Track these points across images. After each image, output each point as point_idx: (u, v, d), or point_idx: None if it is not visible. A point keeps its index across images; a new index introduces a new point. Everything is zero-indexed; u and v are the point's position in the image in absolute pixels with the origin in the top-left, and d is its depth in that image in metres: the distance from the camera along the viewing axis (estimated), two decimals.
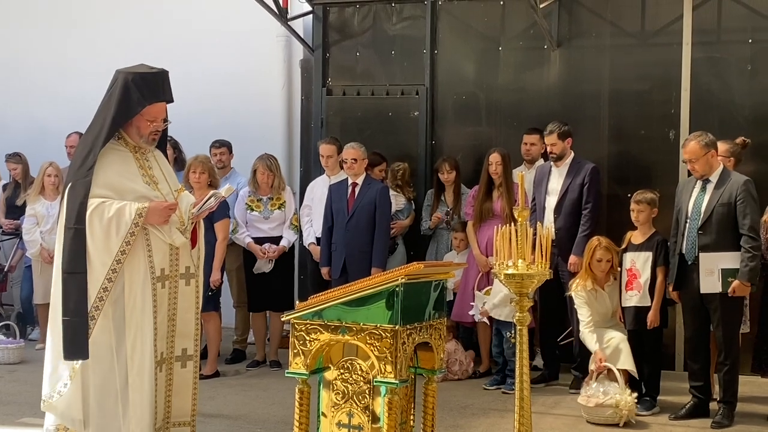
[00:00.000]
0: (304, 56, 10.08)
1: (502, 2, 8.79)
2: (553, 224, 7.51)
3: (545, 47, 8.64)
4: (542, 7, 8.26)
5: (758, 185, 6.69)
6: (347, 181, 8.09)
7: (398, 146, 9.04)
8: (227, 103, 10.09)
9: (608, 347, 6.89)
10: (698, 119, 8.04)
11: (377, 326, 4.52)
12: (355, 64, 9.36)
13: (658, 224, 7.08)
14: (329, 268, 8.06)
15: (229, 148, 9.04)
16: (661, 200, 7.13)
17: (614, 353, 6.86)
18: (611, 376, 6.70)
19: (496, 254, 4.74)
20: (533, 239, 4.69)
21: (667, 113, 8.26)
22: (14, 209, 9.72)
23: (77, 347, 4.82)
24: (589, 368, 7.01)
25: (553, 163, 7.72)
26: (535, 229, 4.78)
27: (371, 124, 9.21)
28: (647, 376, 6.93)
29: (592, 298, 7.08)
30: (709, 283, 6.50)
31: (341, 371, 4.74)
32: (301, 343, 4.69)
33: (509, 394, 7.17)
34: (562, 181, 7.65)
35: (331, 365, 4.78)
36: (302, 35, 9.67)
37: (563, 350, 7.93)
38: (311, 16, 9.53)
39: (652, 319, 6.83)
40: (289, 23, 9.47)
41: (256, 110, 10.08)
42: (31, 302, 9.42)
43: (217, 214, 7.58)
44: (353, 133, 8.94)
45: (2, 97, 11.29)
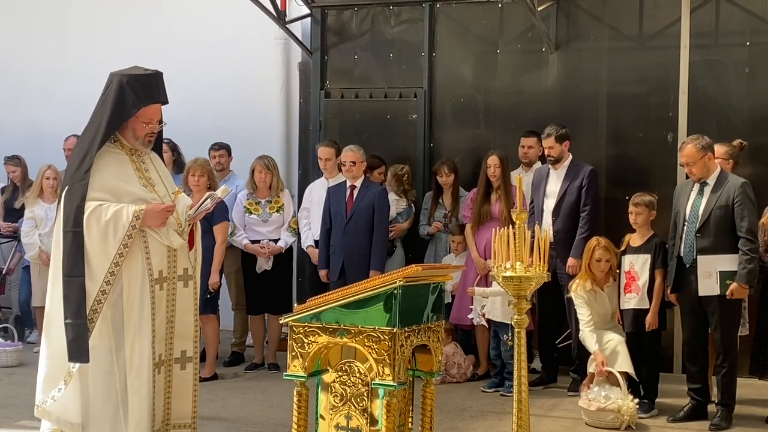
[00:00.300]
0: (302, 59, 10.08)
1: (500, 5, 8.80)
2: (551, 227, 7.51)
3: (543, 50, 8.65)
4: (540, 10, 8.27)
5: (755, 187, 6.69)
6: (346, 183, 8.09)
7: (396, 149, 9.03)
8: (225, 105, 10.08)
9: (606, 349, 6.89)
10: (696, 122, 8.05)
11: (375, 329, 4.53)
12: (353, 66, 9.36)
13: (656, 227, 7.08)
14: (327, 270, 8.06)
15: (228, 150, 9.04)
16: (659, 203, 7.14)
17: (612, 355, 6.86)
18: (612, 380, 6.70)
19: (494, 257, 4.74)
20: (531, 242, 4.69)
21: (664, 116, 8.27)
22: (12, 212, 9.70)
23: (80, 350, 4.82)
24: (587, 370, 7.01)
25: (551, 165, 7.72)
26: (533, 231, 4.78)
27: (369, 126, 9.21)
28: (645, 378, 6.93)
29: (591, 298, 7.08)
30: (707, 285, 6.50)
31: (339, 374, 4.74)
32: (299, 345, 4.69)
33: (507, 396, 7.17)
34: (560, 183, 7.65)
35: (329, 368, 4.77)
36: (300, 38, 9.68)
37: (561, 353, 7.92)
38: (309, 18, 9.54)
39: (650, 321, 6.83)
40: (287, 26, 9.47)
41: (254, 113, 10.07)
42: (29, 305, 9.41)
43: (216, 216, 7.59)
44: (351, 135, 8.94)
45: (0, 99, 11.28)
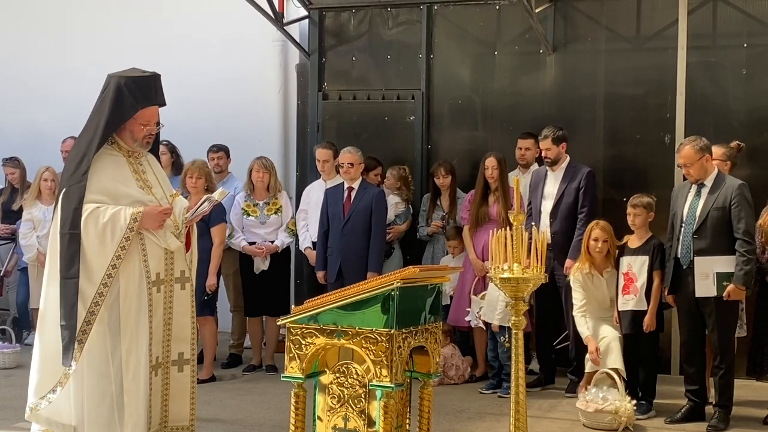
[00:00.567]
0: (300, 61, 10.08)
1: (497, 7, 8.81)
2: (548, 228, 7.51)
3: (541, 52, 8.65)
4: (538, 11, 8.28)
5: (753, 189, 6.70)
6: (343, 185, 8.09)
7: (394, 151, 9.04)
8: (223, 107, 10.09)
9: (600, 345, 6.91)
10: (693, 123, 8.05)
11: (373, 330, 4.53)
12: (351, 68, 9.37)
13: (653, 228, 7.09)
14: (325, 272, 8.07)
15: (226, 152, 9.04)
16: (656, 204, 7.14)
17: (605, 352, 6.89)
18: (610, 381, 6.70)
19: (491, 258, 4.75)
20: (529, 243, 4.69)
21: (662, 117, 8.27)
22: (10, 214, 9.70)
23: (71, 353, 4.82)
24: (585, 370, 7.02)
25: (548, 167, 7.72)
26: (530, 233, 4.78)
27: (367, 128, 9.21)
28: (643, 379, 6.93)
29: (588, 282, 7.09)
30: (704, 287, 6.50)
31: (337, 375, 4.75)
32: (296, 347, 4.69)
33: (505, 398, 7.16)
34: (557, 185, 7.65)
35: (326, 369, 4.78)
36: (298, 40, 9.68)
37: (559, 354, 7.93)
38: (307, 20, 9.54)
39: (648, 323, 6.83)
40: (285, 28, 9.48)
41: (252, 115, 10.08)
42: (27, 307, 9.40)
43: (213, 218, 7.59)
44: (349, 137, 8.95)
45: None
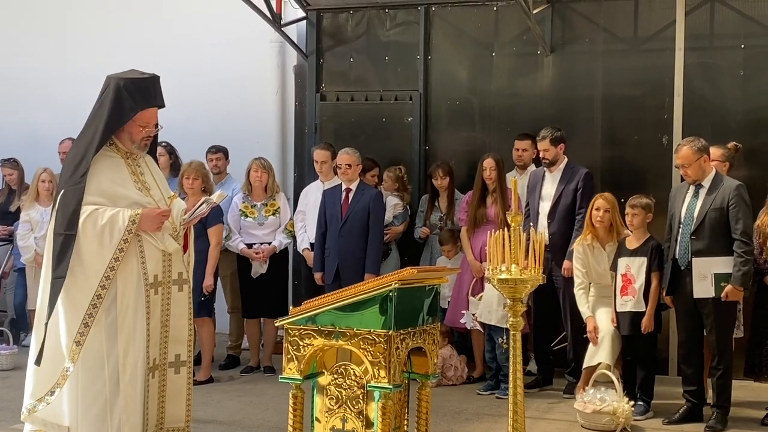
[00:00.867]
0: (297, 62, 10.08)
1: (495, 8, 8.81)
2: (546, 229, 7.51)
3: (538, 53, 8.66)
4: (535, 12, 8.28)
5: (750, 190, 6.70)
6: (341, 186, 8.09)
7: (392, 152, 9.04)
8: (221, 109, 10.09)
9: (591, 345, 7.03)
10: (691, 124, 8.06)
11: (371, 331, 4.53)
12: (348, 69, 9.37)
13: (651, 229, 7.09)
14: (323, 273, 8.06)
15: (225, 153, 9.04)
16: (654, 205, 7.14)
17: (597, 346, 6.97)
18: (605, 377, 6.73)
19: (489, 259, 4.75)
20: (527, 244, 4.69)
21: (660, 118, 8.28)
22: (7, 215, 9.69)
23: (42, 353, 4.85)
24: (582, 368, 7.05)
25: (546, 168, 7.73)
26: (528, 234, 4.78)
27: (365, 129, 9.21)
28: (641, 380, 6.94)
29: (588, 253, 7.14)
30: (702, 287, 6.51)
31: (335, 376, 4.74)
32: (294, 348, 4.69)
33: (503, 399, 7.16)
34: (555, 186, 7.65)
35: (324, 370, 4.78)
36: (296, 41, 9.68)
37: (557, 355, 7.94)
38: (305, 21, 9.54)
39: (646, 324, 6.83)
40: (282, 29, 9.48)
41: (249, 116, 10.07)
42: (24, 308, 9.39)
43: (210, 219, 7.59)
44: (347, 138, 8.95)
45: None
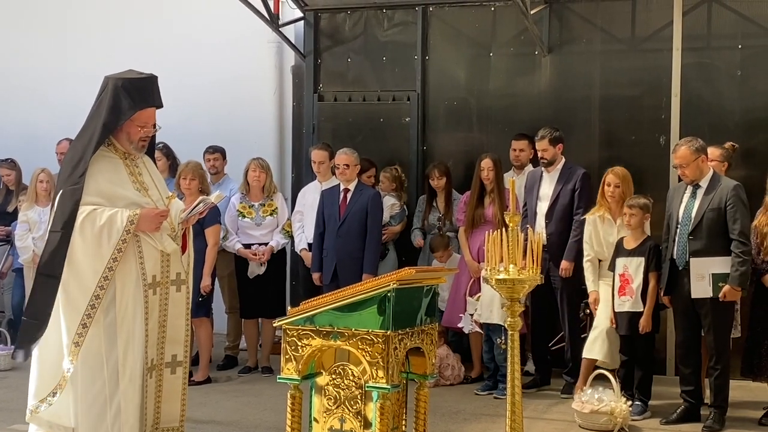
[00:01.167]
0: (295, 62, 10.07)
1: (493, 8, 8.81)
2: (544, 230, 7.52)
3: (536, 53, 8.66)
4: (533, 13, 8.28)
5: (747, 190, 6.70)
6: (339, 186, 8.09)
7: (390, 152, 9.04)
8: (218, 109, 10.07)
9: (591, 334, 7.11)
10: (688, 125, 8.06)
11: (369, 331, 4.53)
12: (346, 70, 9.37)
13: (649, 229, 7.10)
14: (321, 273, 8.06)
15: (222, 153, 9.03)
16: (651, 205, 7.15)
17: (593, 341, 7.04)
18: (605, 382, 6.74)
19: (486, 259, 4.75)
20: (524, 244, 4.70)
21: (657, 119, 8.28)
22: (5, 215, 9.67)
23: (27, 348, 4.90)
24: (581, 365, 7.12)
25: (544, 168, 7.73)
26: (526, 234, 4.78)
27: (363, 130, 9.21)
28: (639, 380, 6.94)
29: (598, 224, 7.19)
30: (699, 288, 6.51)
31: (333, 376, 4.75)
32: (292, 348, 4.69)
33: (501, 399, 7.17)
34: (553, 186, 7.66)
35: (323, 371, 4.78)
36: (293, 41, 9.68)
37: (554, 355, 7.94)
38: (302, 22, 9.54)
39: (644, 324, 6.83)
40: (280, 29, 9.47)
41: (247, 116, 10.06)
42: (22, 309, 9.34)
43: (207, 220, 7.59)
44: (345, 139, 8.94)
45: None
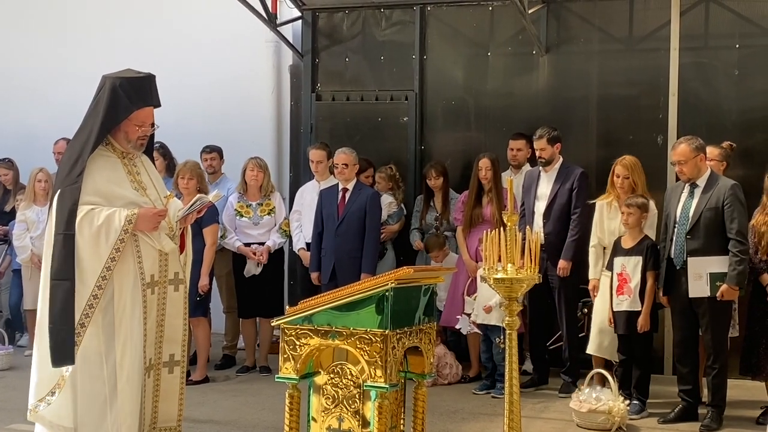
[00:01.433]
0: (293, 62, 10.08)
1: (490, 8, 8.82)
2: (542, 229, 7.52)
3: (534, 53, 8.67)
4: (531, 12, 8.29)
5: (745, 189, 6.71)
6: (338, 186, 8.09)
7: (387, 152, 9.04)
8: (216, 108, 10.07)
9: (591, 327, 7.20)
10: (686, 124, 8.07)
11: (367, 331, 4.53)
12: (344, 69, 9.37)
13: (646, 229, 7.10)
14: (319, 273, 8.06)
15: (219, 153, 9.03)
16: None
17: (591, 336, 7.13)
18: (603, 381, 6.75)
19: (484, 258, 4.75)
20: (522, 244, 4.70)
21: (655, 118, 8.29)
22: (3, 215, 9.66)
23: (64, 354, 4.79)
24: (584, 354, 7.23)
25: (542, 168, 7.73)
26: (524, 233, 4.79)
27: (360, 129, 9.21)
28: (636, 379, 6.95)
29: (605, 210, 7.26)
30: (697, 287, 6.52)
31: (331, 376, 4.75)
32: (291, 348, 4.70)
33: (499, 398, 7.18)
34: (551, 186, 7.66)
35: (321, 370, 4.78)
36: (291, 41, 9.68)
37: (552, 355, 7.95)
38: (300, 21, 9.54)
39: (641, 323, 6.83)
40: (278, 28, 9.48)
41: (245, 116, 10.06)
42: (19, 308, 9.38)
43: (205, 219, 7.59)
44: (342, 138, 8.94)
45: None
